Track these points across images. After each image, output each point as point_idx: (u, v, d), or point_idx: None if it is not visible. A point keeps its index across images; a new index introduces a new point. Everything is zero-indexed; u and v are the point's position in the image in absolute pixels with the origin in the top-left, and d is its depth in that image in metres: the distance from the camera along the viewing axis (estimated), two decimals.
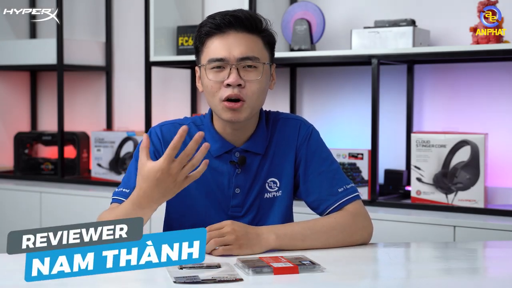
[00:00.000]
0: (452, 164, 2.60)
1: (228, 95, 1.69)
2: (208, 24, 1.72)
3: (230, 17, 1.71)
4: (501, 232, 2.35)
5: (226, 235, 1.58)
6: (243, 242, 1.59)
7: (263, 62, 1.73)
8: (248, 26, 1.72)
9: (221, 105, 1.71)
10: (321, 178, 1.77)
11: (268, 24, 1.76)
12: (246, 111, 1.71)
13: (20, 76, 3.90)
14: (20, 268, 1.48)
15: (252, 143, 1.78)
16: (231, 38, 1.71)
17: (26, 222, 3.28)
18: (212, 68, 1.71)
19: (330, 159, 1.82)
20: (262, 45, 1.74)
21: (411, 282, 1.40)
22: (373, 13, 2.97)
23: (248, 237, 1.60)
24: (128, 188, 1.73)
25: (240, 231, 1.60)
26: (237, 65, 1.69)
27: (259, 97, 1.73)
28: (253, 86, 1.71)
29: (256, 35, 1.73)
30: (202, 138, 1.49)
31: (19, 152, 3.61)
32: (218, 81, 1.70)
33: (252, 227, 1.64)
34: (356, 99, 3.03)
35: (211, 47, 1.72)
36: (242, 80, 1.69)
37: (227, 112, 1.70)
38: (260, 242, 1.61)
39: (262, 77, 1.72)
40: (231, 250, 1.57)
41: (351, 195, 1.77)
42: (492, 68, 2.77)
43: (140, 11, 3.49)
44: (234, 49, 1.70)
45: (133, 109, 3.61)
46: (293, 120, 1.84)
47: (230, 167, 1.78)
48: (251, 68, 1.71)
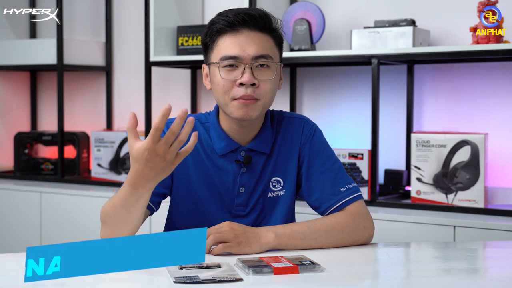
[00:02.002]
0: (452, 164, 2.60)
1: (242, 96, 1.68)
2: (221, 22, 1.70)
3: (244, 15, 1.69)
4: (501, 232, 2.35)
5: (225, 233, 1.59)
6: (241, 240, 1.59)
7: (276, 62, 1.72)
8: (261, 25, 1.71)
9: (233, 103, 1.69)
10: (323, 177, 1.77)
11: (278, 23, 1.76)
12: (258, 110, 1.70)
13: (20, 76, 3.90)
14: (20, 268, 1.48)
15: (258, 142, 1.78)
16: (244, 37, 1.69)
17: (26, 222, 3.28)
18: (225, 66, 1.69)
19: (333, 158, 1.82)
20: (273, 44, 1.73)
21: (411, 282, 1.40)
22: (373, 13, 2.97)
23: (247, 235, 1.60)
24: None
25: (238, 229, 1.60)
26: (251, 64, 1.68)
27: (271, 97, 1.73)
28: (266, 86, 1.70)
29: (268, 34, 1.72)
30: (186, 115, 1.44)
31: (19, 152, 3.61)
32: (231, 79, 1.69)
33: (250, 227, 1.64)
34: (356, 99, 3.03)
35: (223, 45, 1.70)
36: (256, 79, 1.68)
37: (239, 110, 1.69)
38: (259, 241, 1.61)
39: (275, 76, 1.72)
40: (230, 248, 1.57)
41: (353, 195, 1.77)
42: (492, 68, 2.77)
43: (140, 11, 3.49)
44: (248, 48, 1.68)
45: (133, 109, 3.61)
46: (297, 119, 1.84)
47: (235, 166, 1.78)
48: (264, 67, 1.70)
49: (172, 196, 1.80)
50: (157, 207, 1.78)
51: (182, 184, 1.78)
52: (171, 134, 1.42)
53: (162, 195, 1.78)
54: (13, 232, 3.33)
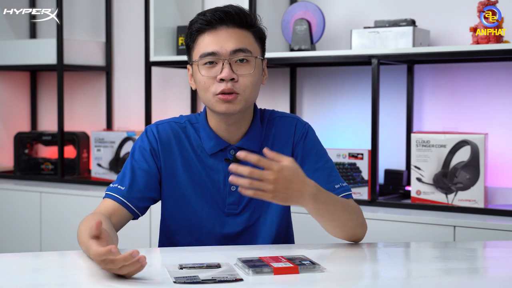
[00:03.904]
0: (452, 164, 2.60)
1: (222, 90, 1.70)
2: (199, 21, 1.74)
3: (220, 13, 1.72)
4: (501, 232, 2.35)
5: (265, 181, 1.49)
6: (279, 195, 1.51)
7: (255, 56, 1.74)
8: (238, 22, 1.73)
9: (214, 98, 1.71)
10: (317, 174, 1.78)
11: (258, 19, 1.78)
12: (240, 103, 1.72)
13: (20, 76, 3.90)
14: (20, 268, 1.48)
15: (247, 140, 1.79)
16: (223, 34, 1.72)
17: (26, 222, 3.28)
18: (205, 64, 1.72)
19: (325, 157, 1.83)
20: (253, 39, 1.76)
21: (411, 282, 1.40)
22: (373, 13, 2.97)
23: (288, 192, 1.52)
24: (123, 185, 1.75)
25: (282, 184, 1.50)
26: (230, 60, 1.70)
27: (252, 91, 1.74)
28: (246, 80, 1.72)
29: (247, 30, 1.75)
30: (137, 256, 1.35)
31: (19, 152, 3.61)
32: (211, 76, 1.71)
33: (299, 181, 1.53)
34: (356, 99, 3.03)
35: (203, 43, 1.73)
36: (235, 74, 1.71)
37: (222, 105, 1.71)
38: (297, 201, 1.55)
39: (254, 71, 1.73)
40: (262, 196, 1.50)
41: (348, 192, 1.78)
42: (492, 68, 2.77)
43: (140, 11, 3.49)
44: (226, 44, 1.71)
45: (133, 109, 3.61)
46: (289, 118, 1.85)
47: (225, 165, 1.78)
48: (243, 62, 1.72)
49: (162, 199, 1.82)
50: (143, 213, 1.78)
51: (171, 186, 1.79)
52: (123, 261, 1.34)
53: (150, 199, 1.79)
54: (13, 232, 3.33)
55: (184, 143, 1.80)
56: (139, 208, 1.76)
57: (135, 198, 1.75)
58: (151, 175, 1.78)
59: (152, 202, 1.80)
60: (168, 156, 1.79)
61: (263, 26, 1.80)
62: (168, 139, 1.80)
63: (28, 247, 3.25)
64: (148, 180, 1.77)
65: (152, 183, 1.78)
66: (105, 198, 1.75)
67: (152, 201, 1.80)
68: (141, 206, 1.76)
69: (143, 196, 1.76)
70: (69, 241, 3.06)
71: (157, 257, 1.64)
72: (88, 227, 1.48)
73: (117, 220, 1.72)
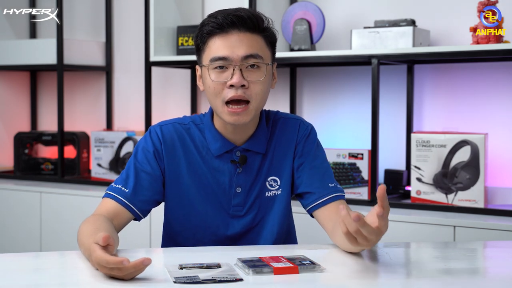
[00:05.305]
0: (452, 164, 2.60)
1: (232, 96, 1.68)
2: (210, 23, 1.70)
3: (232, 17, 1.69)
4: (501, 232, 2.35)
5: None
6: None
7: (266, 63, 1.72)
8: (250, 26, 1.70)
9: (224, 108, 1.70)
10: (312, 172, 1.78)
11: (270, 22, 1.75)
12: (250, 114, 1.71)
13: (20, 76, 3.90)
14: (20, 268, 1.48)
15: (253, 142, 1.78)
16: (234, 38, 1.69)
17: (26, 222, 3.28)
18: (215, 68, 1.70)
19: (323, 158, 1.84)
20: (264, 44, 1.73)
21: (411, 282, 1.40)
22: (373, 13, 2.97)
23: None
24: (127, 187, 1.73)
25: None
26: (241, 65, 1.68)
27: (262, 98, 1.72)
28: (256, 87, 1.70)
29: (259, 34, 1.72)
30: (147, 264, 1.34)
31: (19, 152, 3.61)
32: (221, 81, 1.69)
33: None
34: (356, 99, 3.03)
35: (213, 47, 1.70)
36: (246, 80, 1.68)
37: (231, 116, 1.70)
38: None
39: (265, 77, 1.71)
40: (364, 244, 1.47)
41: (341, 193, 1.78)
42: (492, 68, 2.77)
43: (140, 11, 3.49)
44: (237, 49, 1.68)
45: (133, 109, 3.61)
46: (293, 120, 1.85)
47: (231, 167, 1.78)
48: (254, 68, 1.70)
49: (166, 200, 1.81)
50: (146, 215, 1.77)
51: (174, 188, 1.78)
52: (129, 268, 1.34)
53: (154, 201, 1.78)
54: (13, 232, 3.33)
55: (189, 144, 1.79)
56: (142, 211, 1.75)
57: (139, 201, 1.74)
58: (154, 178, 1.77)
59: (155, 204, 1.80)
60: (172, 158, 1.78)
61: (275, 29, 1.77)
62: (172, 141, 1.79)
63: (28, 247, 3.24)
64: (152, 183, 1.76)
65: (156, 186, 1.77)
66: (106, 198, 1.74)
67: (155, 204, 1.80)
68: (145, 208, 1.76)
69: (147, 199, 1.75)
70: (69, 241, 3.05)
71: (157, 257, 1.64)
72: (90, 229, 1.48)
73: (119, 222, 1.71)
